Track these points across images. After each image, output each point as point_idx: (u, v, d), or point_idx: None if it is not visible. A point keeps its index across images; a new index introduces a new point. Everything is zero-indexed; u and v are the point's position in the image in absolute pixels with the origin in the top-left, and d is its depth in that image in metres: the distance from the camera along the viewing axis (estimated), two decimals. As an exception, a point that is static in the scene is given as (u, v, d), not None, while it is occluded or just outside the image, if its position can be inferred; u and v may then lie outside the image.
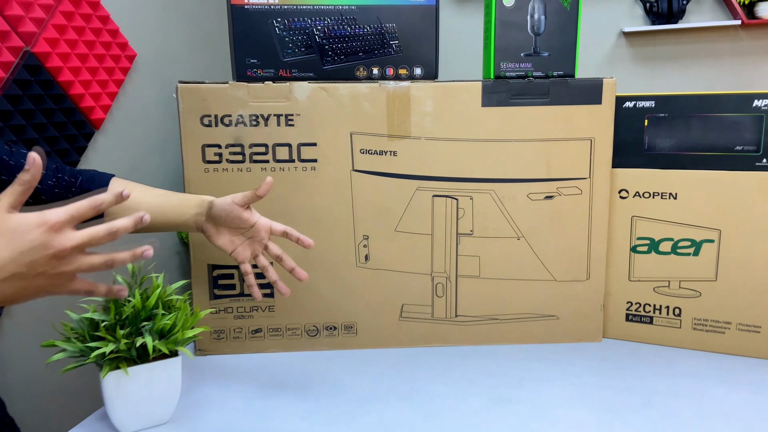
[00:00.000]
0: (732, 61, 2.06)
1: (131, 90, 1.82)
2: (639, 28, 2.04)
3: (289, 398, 1.01)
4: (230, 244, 0.94)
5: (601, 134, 1.16)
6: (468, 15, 2.26)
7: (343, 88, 1.12)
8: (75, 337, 0.86)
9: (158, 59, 1.96)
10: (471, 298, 1.21)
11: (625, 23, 2.13)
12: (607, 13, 2.14)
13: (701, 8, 2.06)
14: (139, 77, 1.86)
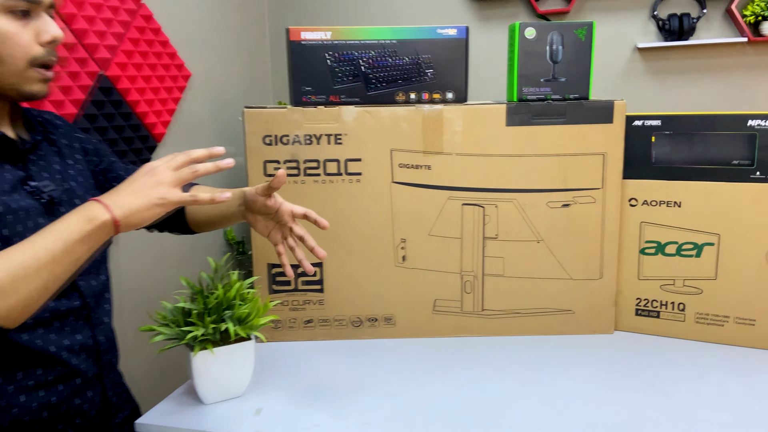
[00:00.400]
0: (739, 75, 2.18)
1: (186, 106, 2.02)
2: (652, 44, 2.17)
3: (338, 378, 1.18)
4: (265, 228, 1.07)
5: (613, 150, 1.31)
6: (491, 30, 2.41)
7: (385, 111, 1.29)
8: (167, 323, 1.04)
9: (209, 78, 2.16)
10: (496, 294, 1.37)
11: (639, 39, 2.26)
12: (622, 30, 2.28)
13: (710, 26, 2.18)
14: (193, 94, 2.05)
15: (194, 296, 1.05)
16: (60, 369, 0.89)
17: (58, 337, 0.89)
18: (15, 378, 0.85)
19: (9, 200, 0.82)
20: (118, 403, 1.03)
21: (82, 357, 0.93)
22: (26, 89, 0.84)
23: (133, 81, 1.76)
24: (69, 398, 0.91)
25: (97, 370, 0.96)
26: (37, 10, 0.82)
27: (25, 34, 0.81)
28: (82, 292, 0.92)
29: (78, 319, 0.92)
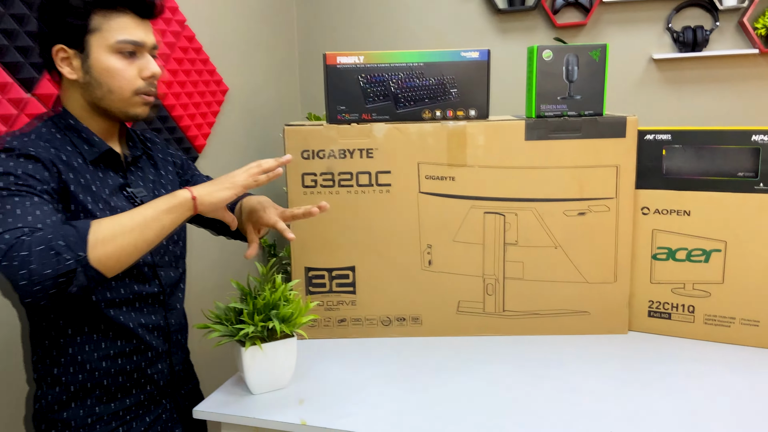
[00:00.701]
0: (752, 85, 2.26)
1: (224, 119, 2.15)
2: (667, 55, 2.25)
3: (370, 372, 1.30)
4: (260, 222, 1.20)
5: (625, 162, 1.40)
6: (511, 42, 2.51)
7: (413, 127, 1.40)
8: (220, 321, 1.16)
9: (245, 92, 2.29)
10: (516, 296, 1.47)
11: (655, 51, 2.34)
12: (638, 42, 2.36)
13: (723, 38, 2.25)
14: (229, 107, 2.19)
15: (244, 297, 1.17)
16: (136, 342, 1.09)
17: (137, 315, 1.08)
18: (100, 347, 1.05)
19: (110, 200, 1.04)
20: (184, 376, 1.23)
21: (155, 335, 1.12)
22: (131, 112, 1.05)
23: (178, 97, 1.89)
24: (142, 368, 1.11)
25: (167, 347, 1.15)
26: (142, 51, 1.04)
27: (130, 70, 1.02)
28: (161, 281, 1.12)
29: (155, 303, 1.12)
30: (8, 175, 0.91)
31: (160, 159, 1.20)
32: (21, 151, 0.94)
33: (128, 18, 1.01)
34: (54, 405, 1.05)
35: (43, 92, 1.41)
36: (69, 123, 1.04)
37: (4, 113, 1.32)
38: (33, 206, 0.90)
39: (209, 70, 2.04)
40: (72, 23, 0.98)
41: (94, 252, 0.85)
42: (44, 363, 1.06)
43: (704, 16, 2.28)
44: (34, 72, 1.39)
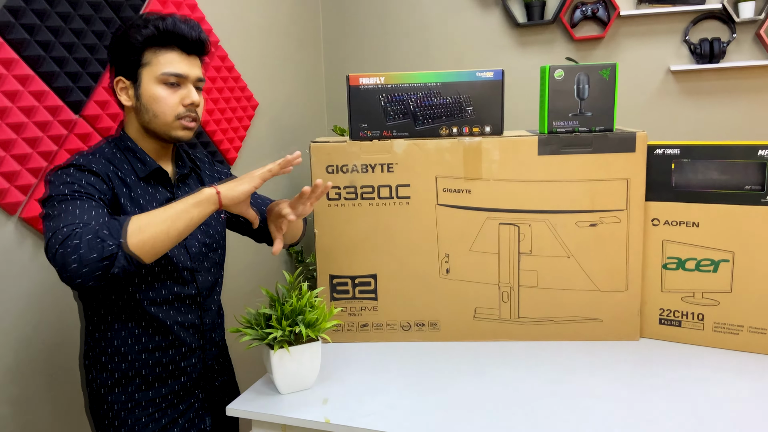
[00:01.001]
0: (770, 96, 2.29)
1: (254, 132, 2.26)
2: (685, 66, 2.29)
3: (391, 374, 1.38)
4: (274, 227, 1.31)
5: (635, 176, 1.46)
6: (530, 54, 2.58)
7: (431, 143, 1.49)
8: (251, 326, 1.26)
9: (274, 107, 2.40)
10: (530, 303, 1.54)
11: (673, 62, 2.38)
12: (656, 54, 2.40)
13: (740, 49, 2.28)
14: (259, 121, 2.30)
15: (272, 303, 1.27)
16: (171, 338, 1.23)
17: (175, 314, 1.22)
18: (140, 340, 1.20)
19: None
20: (218, 369, 1.36)
21: (190, 332, 1.26)
22: (173, 134, 1.19)
23: (211, 113, 2.01)
24: (176, 361, 1.25)
25: (200, 343, 1.28)
26: (185, 83, 1.18)
27: (173, 98, 1.16)
28: (198, 285, 1.25)
29: (192, 304, 1.25)
30: (73, 184, 1.08)
31: (208, 176, 1.35)
32: (85, 166, 1.11)
33: (175, 54, 1.16)
34: (101, 389, 1.21)
35: (89, 113, 1.53)
36: (127, 144, 1.20)
37: (56, 133, 1.45)
38: (90, 208, 1.05)
39: (240, 87, 2.15)
40: (129, 59, 1.15)
41: (132, 239, 0.98)
42: (94, 352, 1.21)
43: (721, 28, 2.31)
44: (82, 95, 1.51)
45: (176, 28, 1.14)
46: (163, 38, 1.14)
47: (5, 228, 1.36)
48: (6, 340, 1.37)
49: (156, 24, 1.13)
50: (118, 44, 1.16)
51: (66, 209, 1.03)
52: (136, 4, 1.68)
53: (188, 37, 1.16)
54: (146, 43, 1.14)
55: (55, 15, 1.44)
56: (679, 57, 2.38)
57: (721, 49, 2.23)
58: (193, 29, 1.17)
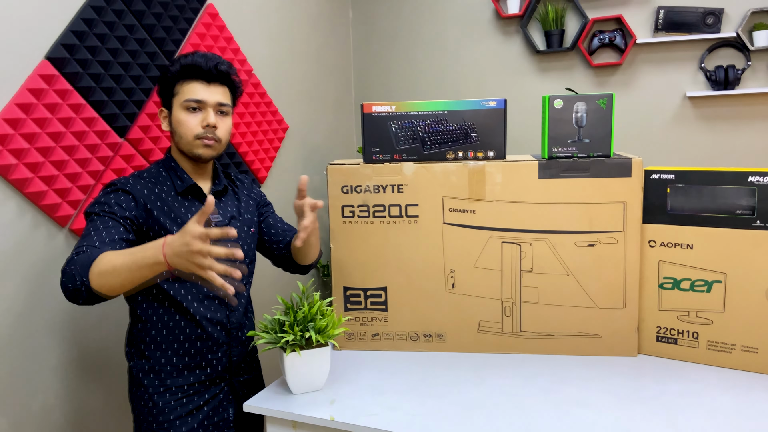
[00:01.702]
0: (785, 122, 2.31)
1: (284, 152, 2.43)
2: (701, 93, 2.34)
3: (398, 381, 1.49)
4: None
5: (632, 199, 1.55)
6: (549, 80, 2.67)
7: (438, 166, 1.61)
8: (267, 330, 1.40)
9: (303, 129, 2.57)
10: (532, 318, 1.63)
11: (689, 88, 2.43)
12: (672, 80, 2.46)
13: (755, 76, 2.32)
14: (289, 143, 2.46)
15: (287, 311, 1.40)
16: (200, 331, 1.39)
17: (204, 310, 1.39)
18: (173, 332, 1.37)
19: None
20: (243, 366, 1.51)
21: (217, 328, 1.41)
22: (195, 152, 1.36)
23: (244, 136, 2.18)
24: (203, 353, 1.41)
25: (227, 340, 1.43)
26: (205, 107, 1.35)
27: (193, 120, 1.35)
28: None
29: (219, 303, 1.42)
30: (103, 204, 1.29)
31: (245, 195, 1.53)
32: (120, 187, 1.31)
33: (197, 84, 1.35)
34: (139, 373, 1.39)
35: (133, 137, 1.72)
36: (170, 164, 1.40)
37: (103, 155, 1.63)
38: (105, 228, 1.23)
39: (272, 111, 2.32)
40: (165, 92, 1.37)
41: (93, 281, 1.11)
42: (137, 340, 1.39)
43: (736, 56, 2.36)
44: (127, 121, 1.69)
45: (194, 62, 1.34)
46: (187, 72, 1.35)
47: (56, 238, 1.54)
48: (54, 338, 1.54)
49: (180, 61, 1.35)
50: (160, 80, 1.39)
51: (87, 229, 1.24)
52: (176, 38, 1.87)
53: (204, 68, 1.34)
54: (175, 78, 1.35)
55: (105, 51, 1.63)
56: (695, 83, 2.43)
57: (736, 76, 2.28)
58: (210, 61, 1.35)
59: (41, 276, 1.50)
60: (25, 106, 1.43)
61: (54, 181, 1.50)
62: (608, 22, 2.56)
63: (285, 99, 2.42)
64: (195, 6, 1.94)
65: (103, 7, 1.62)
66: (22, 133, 1.42)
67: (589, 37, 2.58)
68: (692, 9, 2.36)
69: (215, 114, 1.36)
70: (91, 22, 1.59)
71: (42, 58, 1.48)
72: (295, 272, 1.61)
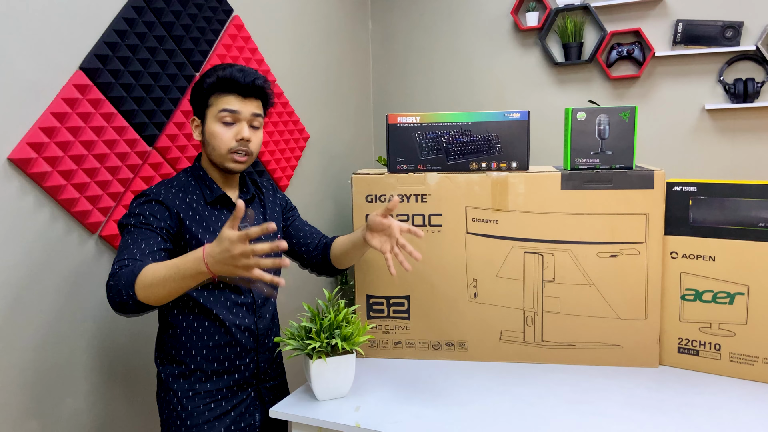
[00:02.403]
0: (805, 135, 2.31)
1: (305, 161, 2.46)
2: (719, 105, 2.35)
3: (420, 388, 1.51)
4: (379, 242, 1.41)
5: (654, 211, 1.56)
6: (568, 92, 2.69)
7: (461, 176, 1.63)
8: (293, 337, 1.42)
9: (324, 138, 2.60)
10: (553, 328, 1.64)
11: (708, 101, 2.44)
12: (691, 93, 2.47)
13: (775, 89, 2.33)
14: (310, 151, 2.49)
15: (313, 318, 1.42)
16: (229, 338, 1.41)
17: (233, 317, 1.41)
18: (203, 338, 1.39)
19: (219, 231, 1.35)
20: (270, 372, 1.52)
21: (245, 335, 1.43)
22: (226, 165, 1.38)
23: (266, 145, 2.21)
24: (231, 359, 1.43)
25: (255, 346, 1.46)
26: (239, 120, 1.37)
27: (227, 134, 1.36)
28: (254, 295, 1.44)
29: (248, 310, 1.44)
30: (139, 215, 1.31)
31: (270, 202, 1.55)
32: (153, 197, 1.33)
33: (233, 97, 1.37)
34: (169, 377, 1.41)
35: (161, 146, 1.75)
36: (199, 174, 1.42)
37: (132, 163, 1.66)
38: (143, 240, 1.26)
39: (294, 121, 2.35)
40: (199, 101, 1.38)
41: (139, 293, 1.15)
42: (166, 346, 1.42)
43: (756, 69, 2.37)
44: (155, 130, 1.73)
45: (232, 76, 1.35)
46: (223, 84, 1.35)
47: (87, 244, 1.57)
48: (84, 343, 1.57)
49: (218, 73, 1.36)
50: (194, 89, 1.41)
51: (126, 241, 1.27)
52: (204, 49, 1.91)
53: (241, 83, 1.35)
54: (211, 89, 1.36)
55: (136, 61, 1.66)
56: (714, 96, 2.44)
57: (756, 89, 2.28)
58: (248, 76, 1.36)
59: (72, 282, 1.54)
60: (60, 116, 1.47)
61: (86, 189, 1.53)
62: (627, 35, 2.58)
63: (306, 108, 2.45)
64: (222, 18, 1.98)
65: (134, 19, 1.66)
66: (56, 141, 1.45)
67: (608, 49, 2.60)
68: (711, 22, 2.37)
69: (248, 127, 1.38)
70: (124, 34, 1.63)
71: (76, 68, 1.52)
72: (322, 275, 1.63)
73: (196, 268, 1.11)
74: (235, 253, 1.06)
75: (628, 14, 2.56)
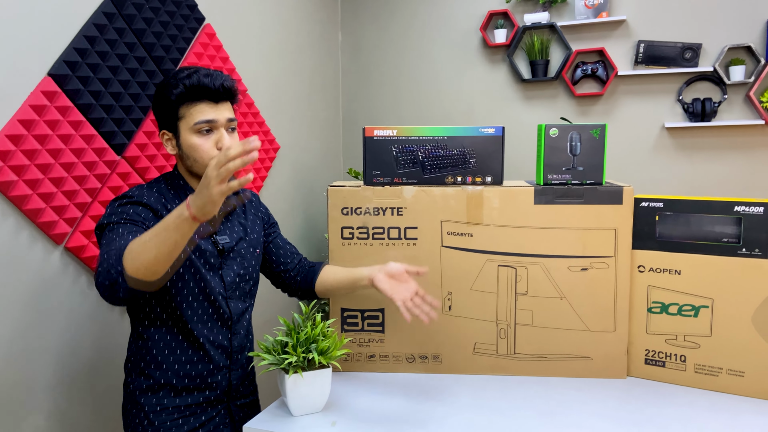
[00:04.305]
0: (759, 153, 2.42)
1: (275, 173, 2.44)
2: (678, 124, 2.44)
3: (396, 402, 1.50)
4: (390, 289, 1.43)
5: (622, 226, 1.60)
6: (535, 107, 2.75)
7: (437, 190, 1.64)
8: (269, 351, 1.39)
9: (294, 150, 2.58)
10: (526, 340, 1.66)
11: (667, 119, 2.54)
12: (653, 111, 2.57)
13: (732, 109, 2.44)
14: (280, 163, 2.47)
15: (289, 332, 1.40)
16: (202, 354, 1.38)
17: (208, 333, 1.38)
18: (175, 352, 1.36)
19: (200, 243, 1.34)
20: (242, 390, 1.49)
21: (219, 351, 1.40)
22: None
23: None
24: (203, 376, 1.39)
25: (227, 363, 1.42)
26: (216, 128, 1.32)
27: (207, 143, 1.31)
28: (230, 310, 1.41)
29: (223, 326, 1.41)
30: (121, 213, 1.26)
31: (252, 214, 1.51)
32: (136, 199, 1.29)
33: (204, 104, 1.30)
34: (137, 390, 1.37)
35: (130, 155, 1.71)
36: (179, 183, 1.38)
37: (100, 172, 1.62)
38: (128, 233, 1.20)
39: (264, 131, 2.33)
40: (168, 114, 1.32)
41: (128, 266, 1.09)
42: (135, 357, 1.38)
43: (713, 89, 2.47)
44: (125, 138, 1.69)
45: (201, 83, 1.28)
46: (192, 93, 1.28)
47: (52, 256, 1.52)
48: (48, 358, 1.51)
49: (184, 82, 1.28)
50: (158, 102, 1.33)
51: (109, 238, 1.19)
52: (175, 57, 1.88)
53: (212, 88, 1.29)
54: (179, 100, 1.29)
55: (105, 68, 1.62)
56: (674, 115, 2.54)
57: (713, 109, 2.38)
58: (216, 80, 1.30)
59: (36, 295, 1.48)
60: (27, 123, 1.42)
61: (51, 199, 1.48)
62: (591, 54, 2.66)
63: (276, 119, 2.44)
64: (193, 26, 1.96)
65: (105, 25, 1.62)
66: (23, 149, 1.40)
67: (573, 67, 2.67)
68: (671, 44, 2.47)
69: (227, 132, 1.33)
70: (94, 40, 1.58)
71: (45, 74, 1.47)
72: (294, 294, 1.62)
73: (178, 214, 1.05)
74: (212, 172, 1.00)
75: (593, 34, 2.64)
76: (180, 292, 1.34)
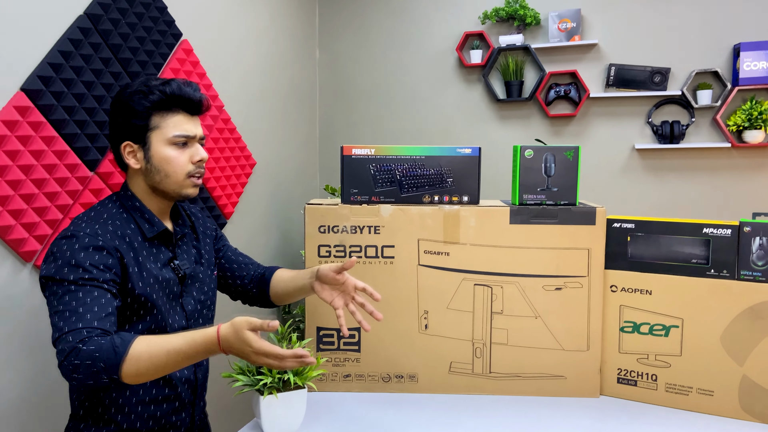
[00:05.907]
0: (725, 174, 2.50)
1: (251, 189, 2.42)
2: (648, 146, 2.51)
3: (372, 423, 1.49)
4: (329, 296, 1.39)
5: (596, 246, 1.63)
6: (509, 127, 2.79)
7: (414, 209, 1.65)
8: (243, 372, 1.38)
9: (270, 165, 2.57)
10: (501, 360, 1.67)
11: (637, 141, 2.60)
12: (623, 133, 2.63)
13: (699, 131, 2.52)
14: (256, 178, 2.46)
15: (265, 352, 1.38)
16: (168, 391, 1.28)
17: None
18: (138, 393, 1.25)
19: (159, 273, 1.25)
20: (201, 426, 1.42)
21: (185, 386, 1.32)
22: (183, 192, 1.26)
23: (212, 171, 2.17)
24: (169, 414, 1.30)
25: (192, 398, 1.35)
26: (192, 142, 1.26)
27: (182, 157, 1.24)
28: None
29: None
30: (78, 268, 1.10)
31: (201, 232, 1.41)
32: (90, 242, 1.13)
33: (181, 116, 1.23)
34: None
35: (103, 171, 1.68)
36: (134, 204, 1.25)
37: (72, 189, 1.59)
38: (93, 300, 1.09)
39: (240, 147, 2.32)
40: (136, 124, 1.21)
41: (126, 378, 1.05)
42: (91, 402, 1.23)
43: (681, 113, 2.54)
44: (98, 154, 1.66)
45: (182, 92, 1.21)
46: (170, 102, 1.21)
47: (20, 275, 1.48)
48: (14, 377, 1.46)
49: (162, 89, 1.20)
50: (122, 110, 1.21)
51: (70, 304, 1.07)
52: (151, 73, 1.86)
53: (193, 99, 1.23)
54: (153, 108, 1.20)
55: (80, 83, 1.60)
56: (643, 137, 2.60)
57: (681, 131, 2.45)
58: (196, 91, 1.24)
59: (1, 312, 1.43)
60: (-2, 137, 1.39)
61: (21, 215, 1.45)
62: (564, 76, 2.71)
63: (253, 135, 2.43)
64: (170, 42, 1.95)
65: (80, 40, 1.60)
66: (-8, 164, 1.37)
67: (546, 88, 2.72)
68: (641, 68, 2.54)
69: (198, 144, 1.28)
70: (69, 55, 1.56)
71: (17, 89, 1.44)
72: (254, 305, 1.54)
73: (207, 351, 1.10)
74: (257, 360, 1.09)
75: (566, 57, 2.70)
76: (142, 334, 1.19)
